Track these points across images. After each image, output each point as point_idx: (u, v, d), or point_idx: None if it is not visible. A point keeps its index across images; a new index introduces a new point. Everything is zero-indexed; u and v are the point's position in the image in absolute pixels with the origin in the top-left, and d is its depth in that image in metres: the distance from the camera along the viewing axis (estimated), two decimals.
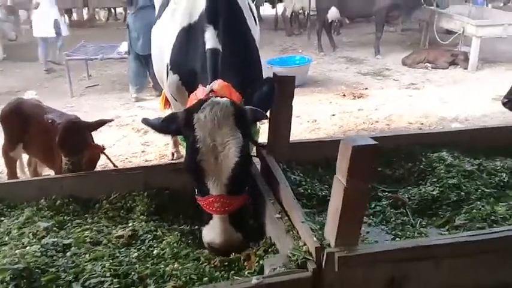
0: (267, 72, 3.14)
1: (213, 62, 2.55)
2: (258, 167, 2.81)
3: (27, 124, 3.39)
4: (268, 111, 2.55)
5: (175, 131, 2.44)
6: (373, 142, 1.72)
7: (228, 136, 2.23)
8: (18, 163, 3.98)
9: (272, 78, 2.60)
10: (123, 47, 7.77)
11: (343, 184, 1.74)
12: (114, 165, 3.27)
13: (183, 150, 4.39)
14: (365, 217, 2.46)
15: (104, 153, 3.21)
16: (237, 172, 2.23)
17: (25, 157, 4.03)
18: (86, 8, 14.85)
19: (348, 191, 1.73)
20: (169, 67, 3.01)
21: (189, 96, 2.64)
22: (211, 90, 2.39)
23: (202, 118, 2.25)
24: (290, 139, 2.87)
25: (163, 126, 2.42)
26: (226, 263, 2.12)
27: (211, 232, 2.27)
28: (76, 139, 2.91)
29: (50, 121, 2.97)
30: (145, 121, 2.47)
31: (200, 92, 2.46)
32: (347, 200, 1.74)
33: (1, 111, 3.65)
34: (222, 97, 2.34)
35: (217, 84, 2.43)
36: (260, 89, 2.50)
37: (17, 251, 2.14)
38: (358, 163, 1.69)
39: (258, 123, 2.71)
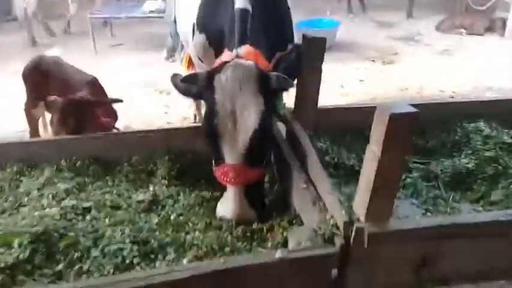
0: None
1: (242, 24, 2.36)
2: (283, 132, 2.70)
3: (48, 82, 3.33)
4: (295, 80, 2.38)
5: (196, 95, 2.31)
6: (413, 109, 1.56)
7: (249, 101, 2.09)
8: (41, 121, 3.96)
9: (300, 45, 2.42)
10: (147, 5, 7.62)
11: (377, 155, 1.60)
12: None
13: None
14: None
15: (115, 128, 3.14)
16: (255, 141, 2.09)
17: (48, 115, 4.00)
18: None
19: (382, 163, 1.59)
20: (195, 26, 2.87)
21: (216, 57, 2.51)
22: (237, 56, 2.24)
23: (223, 79, 2.11)
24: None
25: (186, 88, 2.29)
26: (249, 234, 2.04)
27: (224, 205, 2.18)
28: (73, 119, 2.82)
29: (53, 99, 2.89)
30: (173, 79, 2.32)
31: (226, 57, 2.31)
32: (381, 172, 1.61)
33: (23, 69, 3.59)
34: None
35: (244, 49, 2.26)
36: (287, 57, 2.32)
37: (36, 213, 2.10)
38: (395, 133, 1.55)
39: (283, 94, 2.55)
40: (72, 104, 2.85)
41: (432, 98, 5.49)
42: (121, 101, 3.07)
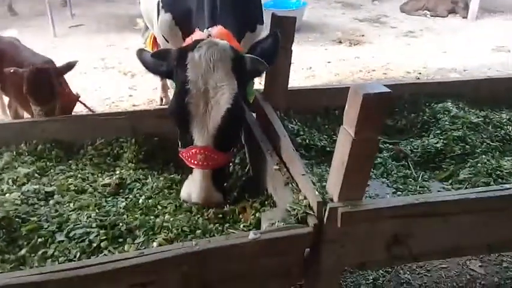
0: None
1: (212, 4, 2.30)
2: (254, 114, 2.65)
3: (2, 64, 3.15)
4: None
5: (165, 72, 2.21)
6: (386, 90, 1.55)
7: (222, 81, 2.02)
8: None
9: (277, 32, 2.37)
10: None
11: (351, 136, 1.58)
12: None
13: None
14: None
15: (80, 102, 3.02)
16: (226, 123, 2.02)
17: (6, 99, 3.83)
18: None
19: (356, 143, 1.58)
20: (160, 5, 2.77)
21: (183, 38, 2.42)
22: (209, 35, 2.16)
23: (196, 58, 2.03)
24: None
25: (155, 64, 2.19)
26: (221, 215, 1.99)
27: (190, 188, 2.10)
28: (45, 87, 2.69)
29: (12, 71, 2.73)
30: (140, 54, 2.22)
31: (197, 36, 2.22)
32: (355, 153, 1.59)
33: None
34: None
35: (217, 30, 2.19)
36: (263, 42, 2.25)
37: None
38: (368, 112, 1.53)
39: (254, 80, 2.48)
40: (40, 72, 2.71)
41: (398, 79, 5.54)
42: (77, 61, 2.92)
